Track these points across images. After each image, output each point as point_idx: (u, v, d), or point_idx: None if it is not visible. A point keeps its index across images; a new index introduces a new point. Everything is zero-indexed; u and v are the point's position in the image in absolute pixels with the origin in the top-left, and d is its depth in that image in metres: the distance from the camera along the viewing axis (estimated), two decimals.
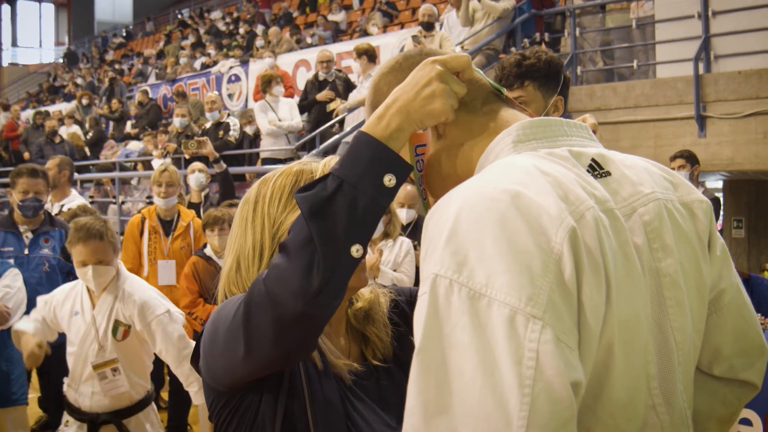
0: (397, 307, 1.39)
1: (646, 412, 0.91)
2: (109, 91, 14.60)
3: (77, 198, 5.24)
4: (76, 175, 8.25)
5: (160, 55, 16.85)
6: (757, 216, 8.25)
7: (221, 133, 7.40)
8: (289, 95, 8.31)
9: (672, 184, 1.04)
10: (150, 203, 5.77)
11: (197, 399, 2.86)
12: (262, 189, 1.29)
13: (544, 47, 2.68)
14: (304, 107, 7.79)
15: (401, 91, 1.00)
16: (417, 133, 1.03)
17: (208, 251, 4.16)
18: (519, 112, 1.06)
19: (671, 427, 0.92)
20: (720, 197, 7.31)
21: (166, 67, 14.35)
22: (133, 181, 9.48)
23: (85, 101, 13.57)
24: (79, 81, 18.45)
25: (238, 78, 11.18)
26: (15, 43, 29.21)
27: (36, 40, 29.95)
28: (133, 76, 16.78)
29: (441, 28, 7.81)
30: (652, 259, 0.94)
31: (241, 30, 15.27)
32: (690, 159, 5.00)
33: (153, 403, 2.97)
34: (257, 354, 1.06)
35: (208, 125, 7.62)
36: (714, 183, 8.86)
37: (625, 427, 0.88)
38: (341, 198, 0.97)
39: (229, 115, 8.20)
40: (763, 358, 1.10)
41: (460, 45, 7.22)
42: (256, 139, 7.98)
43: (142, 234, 4.60)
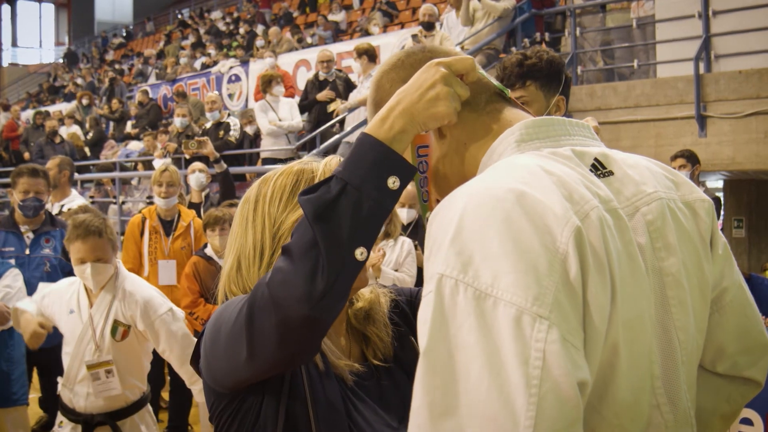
0: (398, 307, 1.39)
1: (651, 412, 0.90)
2: (110, 91, 14.59)
3: (77, 198, 5.23)
4: (77, 175, 8.25)
5: (161, 55, 16.84)
6: (758, 216, 8.25)
7: (221, 133, 7.40)
8: (289, 95, 8.30)
9: (674, 183, 1.03)
10: (150, 203, 5.77)
11: (201, 397, 2.83)
12: (262, 188, 1.28)
13: (544, 47, 2.67)
14: (304, 107, 7.79)
15: (405, 93, 0.99)
16: (420, 134, 1.02)
17: (209, 251, 4.16)
18: (522, 112, 1.05)
19: (675, 427, 0.92)
20: (720, 197, 7.30)
21: (167, 67, 14.34)
22: (134, 181, 9.49)
23: (85, 101, 13.55)
24: (79, 81, 18.43)
25: (238, 78, 11.18)
26: (15, 44, 29.21)
27: (36, 41, 29.94)
28: (133, 76, 16.78)
29: (441, 27, 7.81)
30: (655, 259, 0.93)
31: (242, 30, 15.27)
32: (691, 159, 5.00)
33: (149, 404, 2.93)
34: (261, 357, 1.06)
35: (209, 125, 7.61)
36: (714, 183, 8.86)
37: (630, 427, 0.88)
38: (345, 201, 0.96)
39: (229, 115, 8.20)
40: (766, 356, 1.10)
41: (461, 45, 7.22)
42: (257, 139, 7.98)
43: (142, 234, 4.59)
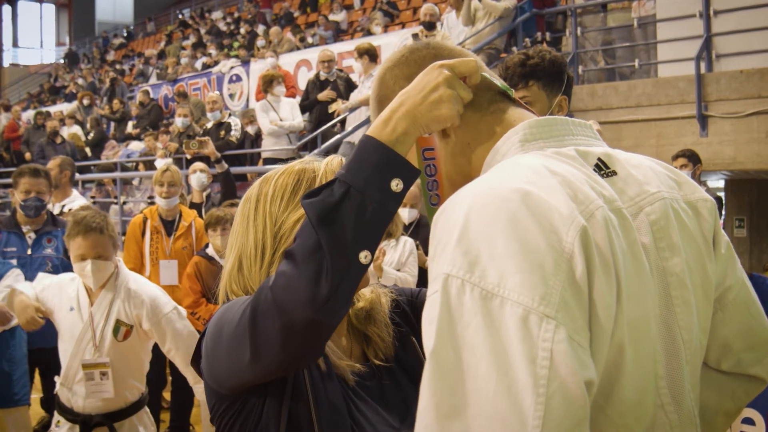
0: (399, 307, 1.39)
1: (655, 412, 0.90)
2: (110, 92, 14.58)
3: (78, 198, 5.22)
4: (78, 175, 8.25)
5: (161, 55, 16.83)
6: (759, 215, 8.24)
7: (223, 133, 7.40)
8: (290, 95, 8.30)
9: (676, 182, 1.04)
10: (152, 203, 5.77)
11: (203, 397, 2.82)
12: (263, 187, 1.28)
13: (546, 46, 2.67)
14: (305, 107, 7.79)
15: (407, 94, 0.98)
16: (423, 137, 1.02)
17: (210, 251, 4.16)
18: (526, 112, 1.05)
19: (680, 426, 0.92)
20: (722, 196, 7.29)
21: (167, 68, 14.34)
22: (135, 182, 9.50)
23: (86, 102, 13.55)
24: (80, 81, 18.43)
25: (239, 78, 11.19)
26: (16, 44, 29.21)
27: (37, 41, 29.95)
28: (134, 76, 16.78)
29: (441, 27, 7.81)
30: (659, 259, 0.93)
31: (242, 30, 15.27)
32: (692, 158, 5.00)
33: (146, 406, 2.89)
34: (264, 359, 1.06)
35: (210, 125, 7.61)
36: (716, 182, 8.84)
37: (635, 427, 0.88)
38: (349, 204, 0.96)
39: (230, 115, 8.20)
40: None
41: (461, 45, 7.21)
42: (258, 139, 7.98)
43: (143, 234, 4.59)
